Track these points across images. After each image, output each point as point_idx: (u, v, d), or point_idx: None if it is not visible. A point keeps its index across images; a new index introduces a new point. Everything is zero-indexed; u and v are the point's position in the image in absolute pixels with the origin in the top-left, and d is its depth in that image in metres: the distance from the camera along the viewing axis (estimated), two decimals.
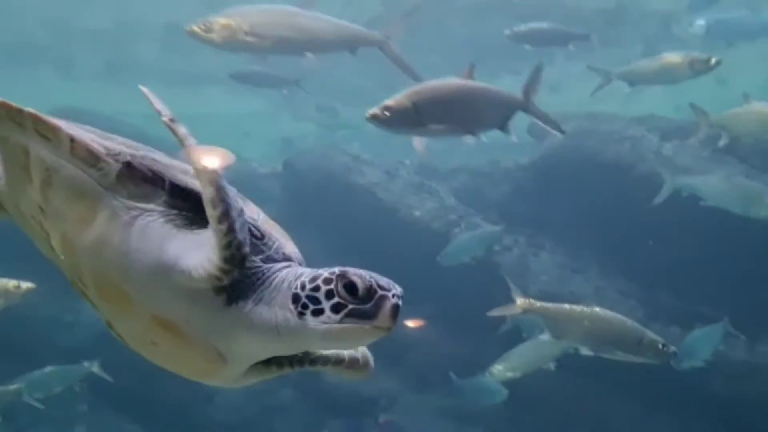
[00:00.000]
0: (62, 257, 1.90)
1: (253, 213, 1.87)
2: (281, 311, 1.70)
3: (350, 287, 1.64)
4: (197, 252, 1.70)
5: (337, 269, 1.68)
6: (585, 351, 6.03)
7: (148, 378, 6.62)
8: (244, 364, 1.85)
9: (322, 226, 8.83)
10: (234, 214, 1.65)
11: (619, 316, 6.10)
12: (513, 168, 9.83)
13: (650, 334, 5.95)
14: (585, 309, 6.08)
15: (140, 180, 1.79)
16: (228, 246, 1.65)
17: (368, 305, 1.63)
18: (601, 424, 8.03)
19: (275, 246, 1.82)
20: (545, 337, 6.22)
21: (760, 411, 7.51)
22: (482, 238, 8.43)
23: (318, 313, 1.65)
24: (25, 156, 1.85)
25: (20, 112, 1.78)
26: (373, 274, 1.67)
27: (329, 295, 1.65)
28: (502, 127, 5.20)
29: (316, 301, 1.66)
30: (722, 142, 7.15)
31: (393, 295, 1.63)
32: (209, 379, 1.89)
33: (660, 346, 5.84)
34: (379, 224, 8.99)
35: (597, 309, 6.12)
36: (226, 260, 1.66)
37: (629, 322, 6.05)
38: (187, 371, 1.88)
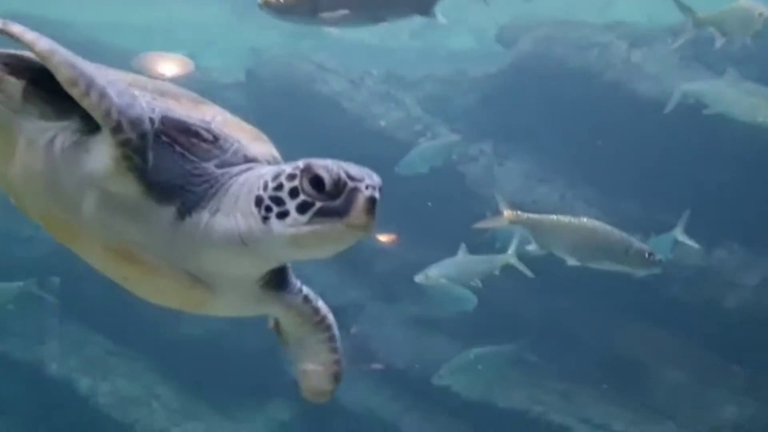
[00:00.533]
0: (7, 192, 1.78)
1: (208, 114, 1.69)
2: (243, 218, 1.53)
3: (316, 181, 1.45)
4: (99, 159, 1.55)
5: (301, 162, 1.50)
6: (572, 262, 6.05)
7: (112, 292, 6.59)
8: (232, 286, 1.67)
9: (286, 136, 8.66)
10: (100, 82, 1.48)
11: (606, 226, 6.12)
12: (481, 77, 9.73)
13: (637, 244, 6.00)
14: (572, 219, 6.07)
15: (51, 95, 1.60)
16: (107, 115, 1.49)
17: (338, 201, 1.44)
18: (564, 331, 8.28)
19: (233, 148, 1.63)
20: (532, 248, 6.21)
21: (715, 315, 7.81)
22: (440, 148, 8.40)
23: (283, 215, 1.47)
24: None
25: None
26: (343, 164, 1.48)
27: (293, 193, 1.47)
28: (426, 11, 4.83)
29: (279, 201, 1.48)
30: (718, 44, 6.97)
31: (367, 186, 1.45)
32: (205, 308, 1.73)
33: (647, 255, 5.91)
34: (344, 134, 8.90)
35: (584, 219, 6.13)
36: (116, 130, 1.49)
37: (616, 232, 6.08)
38: (176, 303, 1.74)
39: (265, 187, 1.51)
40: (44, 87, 1.62)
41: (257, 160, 1.65)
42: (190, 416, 7.57)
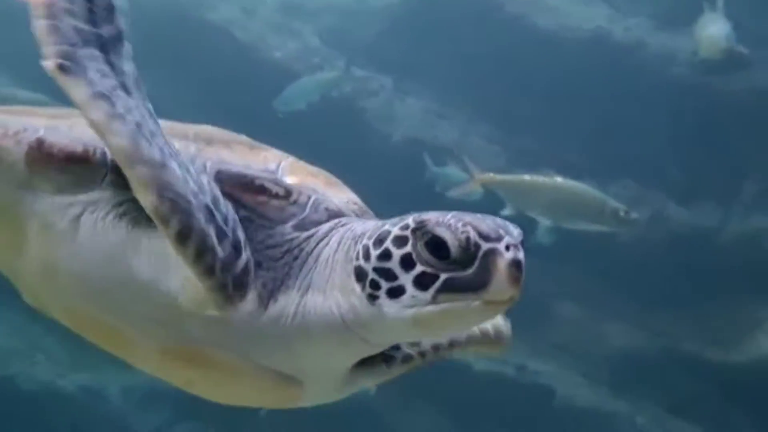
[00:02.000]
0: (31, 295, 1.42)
1: (271, 161, 1.36)
2: (344, 297, 1.21)
3: (436, 246, 1.13)
4: (169, 267, 1.21)
5: (410, 220, 1.16)
6: (546, 222, 5.98)
7: None
8: (328, 375, 1.35)
9: (175, 70, 8.33)
10: (198, 222, 1.12)
11: (580, 185, 6.08)
12: (382, 7, 9.54)
13: (612, 202, 5.99)
14: (546, 180, 6.00)
15: (64, 160, 1.25)
16: (208, 274, 1.16)
17: (471, 270, 1.12)
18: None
19: (311, 201, 1.29)
20: (506, 212, 6.05)
21: (609, 250, 8.11)
22: (319, 83, 8.13)
23: (396, 292, 1.15)
24: None
25: None
26: (467, 217, 1.14)
27: (407, 262, 1.14)
28: None
29: (388, 274, 1.15)
30: None
31: (507, 247, 1.12)
32: (292, 405, 1.41)
33: (622, 214, 5.88)
34: (235, 66, 8.58)
35: (558, 179, 6.05)
36: (208, 274, 1.16)
37: (591, 191, 6.05)
38: (257, 402, 1.42)
39: (367, 256, 1.18)
40: (58, 151, 1.26)
41: (342, 213, 1.31)
42: (78, 367, 7.30)
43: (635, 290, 7.73)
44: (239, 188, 1.28)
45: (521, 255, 1.13)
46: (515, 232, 1.16)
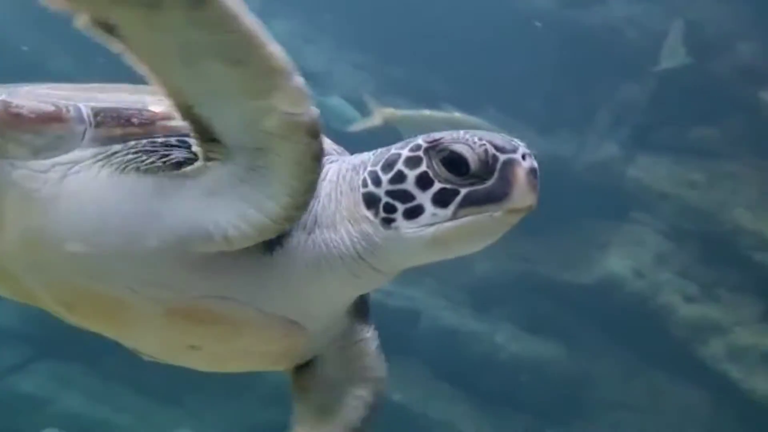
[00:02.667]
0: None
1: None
2: (354, 227, 1.21)
3: (455, 161, 1.15)
4: (222, 202, 1.14)
5: (420, 141, 1.19)
6: None
7: None
8: (324, 318, 1.34)
9: None
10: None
11: (479, 120, 6.18)
12: None
13: (508, 138, 6.11)
14: (445, 115, 6.07)
15: (37, 120, 1.19)
16: (304, 190, 1.12)
17: (490, 181, 1.15)
18: None
19: None
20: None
21: None
22: None
23: (414, 213, 1.16)
24: None
25: None
26: (477, 132, 1.19)
27: (423, 181, 1.16)
28: None
29: (404, 196, 1.16)
30: None
31: (524, 156, 1.17)
32: (293, 360, 1.38)
33: None
34: None
35: (457, 113, 6.13)
36: (296, 206, 1.13)
37: (488, 126, 6.16)
38: (257, 363, 1.38)
39: (377, 181, 1.18)
40: (28, 112, 1.18)
41: (326, 152, 1.25)
42: None
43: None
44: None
45: (536, 164, 1.19)
46: (524, 145, 1.21)
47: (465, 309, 7.62)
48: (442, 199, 1.14)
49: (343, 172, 1.24)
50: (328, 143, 1.32)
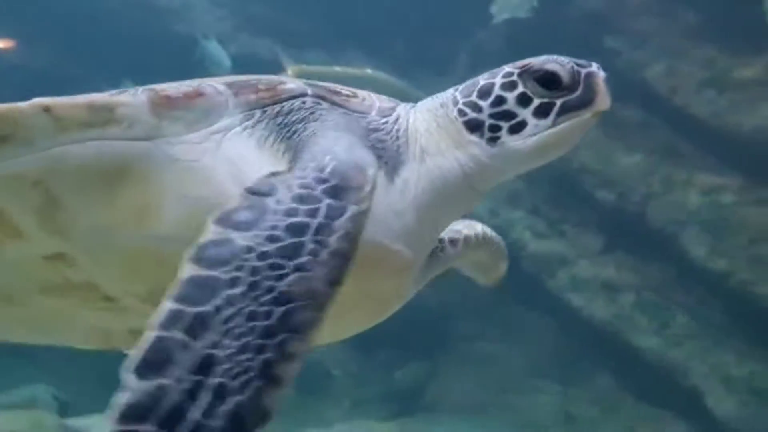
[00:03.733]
0: (128, 298, 1.32)
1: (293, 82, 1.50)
2: (461, 151, 1.42)
3: (548, 79, 1.38)
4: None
5: (509, 68, 1.41)
6: None
7: None
8: (427, 251, 1.53)
9: None
10: None
11: (390, 77, 6.21)
12: None
13: (417, 93, 6.15)
14: (357, 71, 6.10)
15: (184, 99, 1.30)
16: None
17: (578, 92, 1.38)
18: None
19: (370, 95, 1.54)
20: None
21: None
22: None
23: (518, 128, 1.38)
24: None
25: None
26: (557, 57, 1.40)
27: (523, 100, 1.38)
28: None
29: (506, 115, 1.39)
30: None
31: (598, 68, 1.42)
32: (403, 298, 1.54)
33: None
34: None
35: (369, 70, 6.17)
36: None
37: (399, 83, 6.21)
38: (375, 311, 1.53)
39: (476, 108, 1.40)
40: (177, 91, 1.30)
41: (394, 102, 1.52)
42: None
43: None
44: (329, 92, 1.48)
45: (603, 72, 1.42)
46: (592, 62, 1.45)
47: None
48: (542, 111, 1.38)
49: (432, 109, 1.47)
50: (384, 98, 1.56)
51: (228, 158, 1.29)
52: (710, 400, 5.81)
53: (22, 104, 1.22)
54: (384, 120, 1.45)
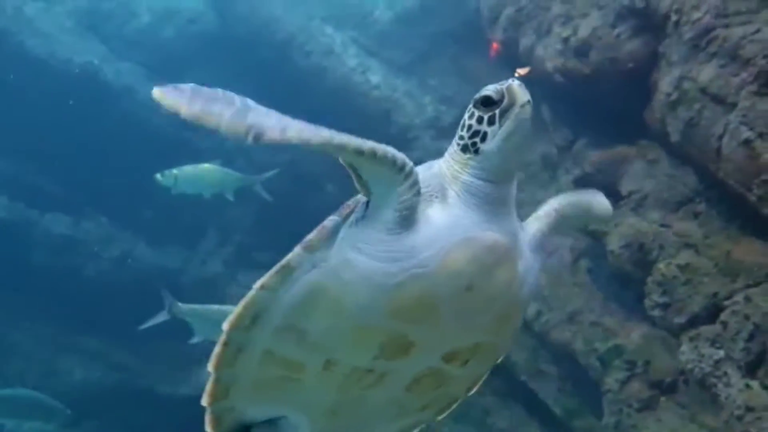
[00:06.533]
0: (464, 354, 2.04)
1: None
2: (466, 168, 1.91)
3: (486, 101, 1.88)
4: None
5: (471, 104, 1.93)
6: None
7: None
8: (508, 229, 1.99)
9: None
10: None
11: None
12: None
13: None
14: (229, 307, 5.90)
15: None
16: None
17: (506, 100, 1.87)
18: None
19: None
20: None
21: (75, 283, 8.42)
22: None
23: (485, 137, 1.88)
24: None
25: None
26: (488, 85, 1.92)
27: (480, 120, 1.89)
28: None
29: (476, 133, 1.89)
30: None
31: (512, 80, 1.90)
32: (516, 287, 2.00)
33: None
34: None
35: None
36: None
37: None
38: (498, 310, 1.99)
39: (461, 137, 1.93)
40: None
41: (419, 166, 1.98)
42: None
43: (97, 324, 8.10)
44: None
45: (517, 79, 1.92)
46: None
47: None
48: (491, 121, 1.89)
49: (449, 152, 1.99)
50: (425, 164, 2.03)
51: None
52: None
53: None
54: (429, 173, 1.96)
